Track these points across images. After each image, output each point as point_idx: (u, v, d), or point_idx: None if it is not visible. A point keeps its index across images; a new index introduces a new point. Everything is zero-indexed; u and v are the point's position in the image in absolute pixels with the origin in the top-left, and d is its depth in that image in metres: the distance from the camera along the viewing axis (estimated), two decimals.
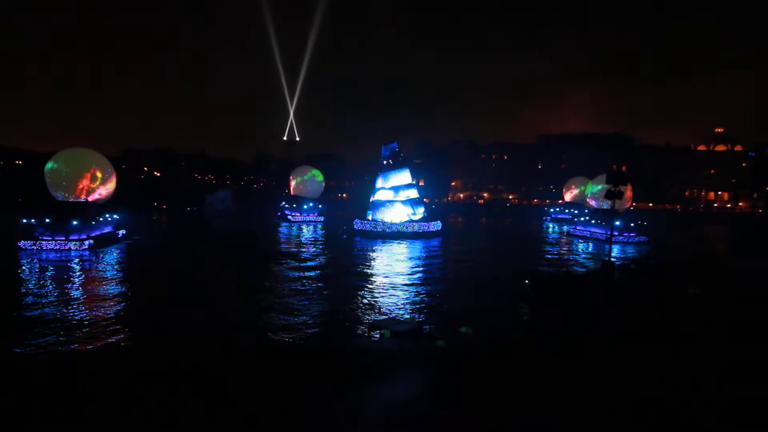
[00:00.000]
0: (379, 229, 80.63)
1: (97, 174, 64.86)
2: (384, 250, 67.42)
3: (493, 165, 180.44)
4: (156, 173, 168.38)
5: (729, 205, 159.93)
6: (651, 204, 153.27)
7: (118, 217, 69.10)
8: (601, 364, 17.29)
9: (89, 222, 62.51)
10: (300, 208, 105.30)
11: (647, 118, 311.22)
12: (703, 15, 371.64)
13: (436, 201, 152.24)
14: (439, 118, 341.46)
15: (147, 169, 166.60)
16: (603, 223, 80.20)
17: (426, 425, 13.96)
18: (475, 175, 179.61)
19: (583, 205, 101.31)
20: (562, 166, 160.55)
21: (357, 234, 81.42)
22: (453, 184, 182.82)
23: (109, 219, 67.07)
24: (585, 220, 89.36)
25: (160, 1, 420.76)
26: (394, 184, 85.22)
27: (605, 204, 73.85)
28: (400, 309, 36.69)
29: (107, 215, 67.09)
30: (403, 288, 44.03)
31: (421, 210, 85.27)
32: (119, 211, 69.90)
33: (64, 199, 63.41)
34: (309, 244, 74.04)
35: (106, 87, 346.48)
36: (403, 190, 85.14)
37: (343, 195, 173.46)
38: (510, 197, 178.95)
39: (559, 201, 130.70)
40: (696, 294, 27.87)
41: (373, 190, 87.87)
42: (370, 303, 38.42)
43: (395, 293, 41.84)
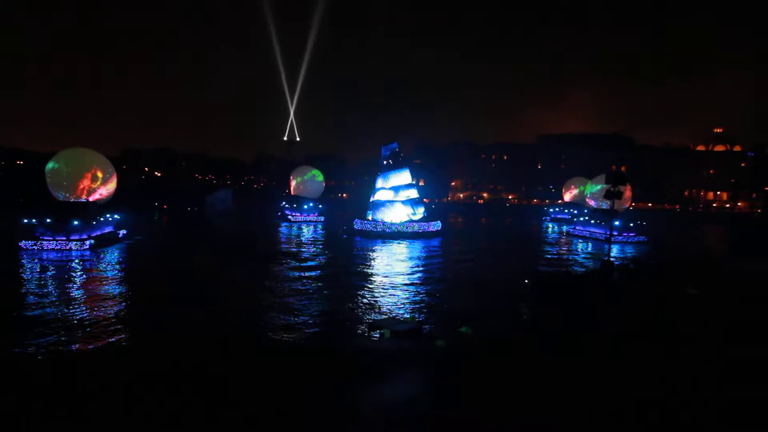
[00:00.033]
0: (379, 229, 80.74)
1: (98, 174, 64.91)
2: (384, 250, 67.49)
3: (493, 165, 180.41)
4: (156, 173, 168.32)
5: (728, 205, 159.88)
6: (650, 204, 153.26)
7: (119, 217, 69.13)
8: (600, 364, 17.29)
9: (90, 222, 62.56)
10: (300, 208, 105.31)
11: (647, 118, 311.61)
12: (703, 15, 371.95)
13: (436, 201, 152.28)
14: (439, 118, 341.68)
15: (147, 169, 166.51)
16: (602, 223, 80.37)
17: (426, 425, 13.96)
18: (475, 175, 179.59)
19: (582, 205, 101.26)
20: (562, 167, 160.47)
21: (357, 234, 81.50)
22: (453, 184, 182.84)
23: (109, 219, 67.12)
24: (584, 220, 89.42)
25: (160, 1, 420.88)
26: (394, 184, 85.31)
27: (604, 204, 73.90)
28: (400, 309, 36.73)
29: (108, 215, 67.12)
30: (403, 288, 44.08)
31: (421, 210, 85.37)
32: (120, 211, 69.92)
33: (65, 199, 63.40)
34: (309, 244, 74.10)
35: (106, 87, 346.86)
36: (403, 190, 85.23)
37: (344, 195, 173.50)
38: (510, 197, 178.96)
39: (559, 201, 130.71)
40: (695, 294, 27.76)
41: (373, 190, 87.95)
42: (370, 303, 38.46)
43: (395, 293, 41.89)
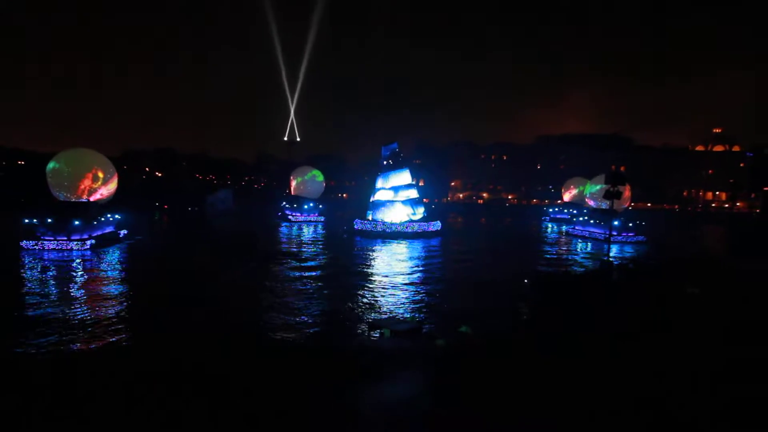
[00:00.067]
0: (379, 229, 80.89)
1: (99, 174, 65.05)
2: (384, 249, 67.62)
3: (493, 165, 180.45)
4: (157, 173, 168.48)
5: (727, 206, 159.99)
6: (649, 204, 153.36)
7: (120, 217, 69.28)
8: (599, 364, 17.29)
9: (91, 222, 62.71)
10: (300, 208, 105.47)
11: (647, 118, 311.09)
12: (703, 15, 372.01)
13: (436, 201, 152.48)
14: (439, 118, 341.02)
15: (148, 170, 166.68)
16: (601, 223, 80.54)
17: (426, 425, 14.00)
18: (475, 176, 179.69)
19: (581, 205, 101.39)
20: (561, 167, 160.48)
21: (357, 234, 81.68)
22: (452, 184, 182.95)
23: (110, 219, 67.28)
24: (584, 220, 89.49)
25: (160, 1, 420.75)
26: (394, 185, 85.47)
27: (604, 204, 74.08)
28: (400, 308, 36.82)
29: (109, 215, 67.28)
30: (403, 287, 44.19)
31: (420, 210, 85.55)
32: (121, 211, 70.07)
33: (66, 199, 63.57)
34: (309, 244, 74.22)
35: (106, 87, 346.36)
36: (402, 191, 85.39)
37: (344, 195, 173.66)
38: (509, 197, 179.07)
39: (558, 201, 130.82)
40: (694, 294, 27.68)
41: (373, 191, 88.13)
42: (370, 302, 38.56)
43: (395, 293, 41.99)
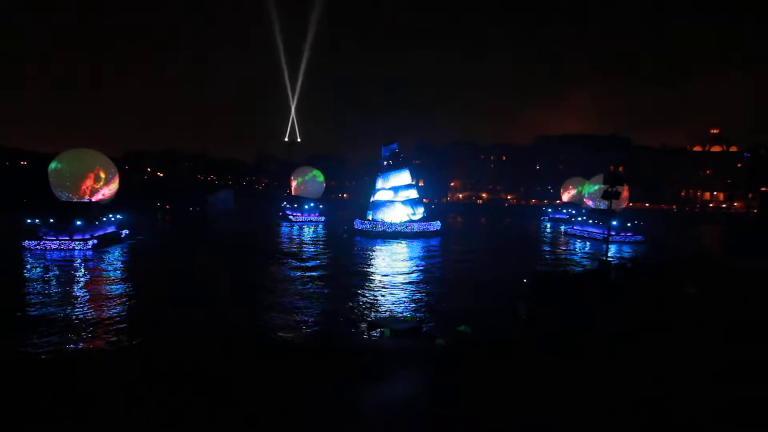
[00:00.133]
0: (379, 229, 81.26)
1: (101, 174, 65.40)
2: (384, 249, 67.95)
3: (492, 166, 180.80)
4: (159, 174, 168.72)
5: (724, 206, 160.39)
6: (647, 204, 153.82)
7: (122, 217, 69.64)
8: (599, 364, 17.36)
9: (93, 222, 63.04)
10: (301, 208, 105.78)
11: (646, 119, 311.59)
12: (703, 15, 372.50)
13: (436, 201, 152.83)
14: (439, 118, 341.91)
15: (150, 170, 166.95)
16: (600, 222, 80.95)
17: (426, 424, 14.10)
18: (474, 176, 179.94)
19: (580, 205, 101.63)
20: (560, 167, 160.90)
21: (357, 234, 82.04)
22: (452, 184, 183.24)
23: (112, 219, 67.60)
24: (582, 220, 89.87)
25: (160, 1, 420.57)
26: (393, 185, 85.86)
27: (602, 204, 74.53)
28: (399, 308, 37.12)
29: (110, 215, 67.61)
30: (403, 287, 44.49)
31: (420, 210, 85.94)
32: (122, 211, 70.44)
33: (68, 200, 63.89)
34: (310, 244, 74.48)
35: (107, 87, 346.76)
36: (402, 191, 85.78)
37: (344, 195, 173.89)
38: (508, 197, 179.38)
39: (557, 201, 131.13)
40: (693, 293, 27.53)
41: (373, 191, 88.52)
42: (370, 302, 38.83)
43: (395, 292, 42.28)
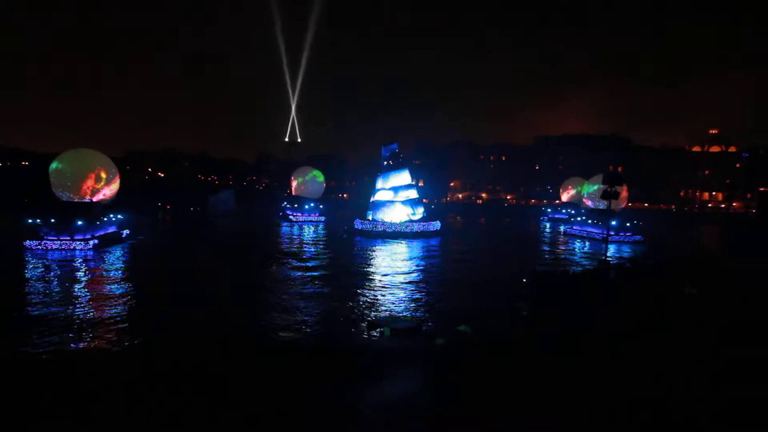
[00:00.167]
0: (379, 229, 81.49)
1: (102, 175, 65.62)
2: (384, 249, 68.16)
3: (492, 166, 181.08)
4: (160, 174, 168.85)
5: (723, 206, 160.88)
6: (646, 204, 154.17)
7: (122, 217, 69.81)
8: (599, 364, 17.40)
9: (94, 222, 63.23)
10: (301, 208, 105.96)
11: (646, 119, 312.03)
12: (703, 15, 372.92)
13: (436, 201, 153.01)
14: (439, 118, 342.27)
15: (151, 170, 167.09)
16: (599, 222, 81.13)
17: (426, 424, 14.16)
18: (474, 176, 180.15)
19: (579, 205, 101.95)
20: (559, 167, 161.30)
21: (357, 234, 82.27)
22: (452, 184, 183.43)
23: (113, 219, 67.77)
24: (581, 219, 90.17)
25: (160, 1, 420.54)
26: (393, 185, 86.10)
27: (601, 204, 74.84)
28: (399, 307, 37.31)
29: (111, 215, 67.79)
30: (403, 287, 44.70)
31: (420, 210, 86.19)
32: (123, 211, 70.61)
33: (69, 200, 64.07)
34: (310, 244, 74.70)
35: (107, 87, 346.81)
36: (402, 191, 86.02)
37: (344, 195, 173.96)
38: (508, 197, 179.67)
39: (557, 201, 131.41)
40: (692, 293, 27.49)
41: (373, 191, 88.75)
42: (370, 302, 39.02)
43: (395, 292, 42.48)
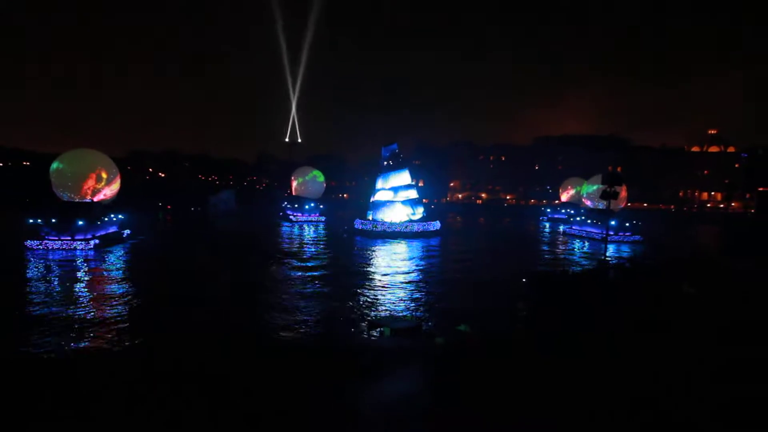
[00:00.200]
0: (379, 228, 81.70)
1: (102, 175, 65.81)
2: (384, 249, 68.35)
3: (492, 166, 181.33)
4: (160, 174, 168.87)
5: (722, 206, 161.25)
6: (645, 204, 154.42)
7: (123, 217, 69.98)
8: (598, 364, 17.41)
9: (94, 222, 63.40)
10: (302, 208, 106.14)
11: (646, 119, 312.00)
12: (703, 15, 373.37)
13: (435, 201, 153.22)
14: (439, 118, 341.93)
15: (151, 170, 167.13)
16: (598, 222, 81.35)
17: (426, 424, 14.23)
18: (474, 176, 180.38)
19: (579, 205, 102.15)
20: (559, 167, 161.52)
21: (357, 234, 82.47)
22: (452, 184, 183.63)
23: (114, 219, 67.93)
24: (581, 219, 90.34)
25: (160, 1, 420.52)
26: (393, 185, 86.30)
27: (601, 204, 75.07)
28: (399, 307, 37.48)
29: (112, 215, 67.96)
30: (403, 286, 44.90)
31: (420, 210, 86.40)
32: (124, 211, 70.80)
33: (70, 200, 64.24)
34: (310, 244, 74.90)
35: (107, 87, 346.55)
36: (402, 191, 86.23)
37: (344, 195, 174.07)
38: (508, 197, 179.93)
39: (556, 201, 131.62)
40: (691, 293, 27.39)
41: (373, 191, 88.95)
42: (370, 301, 39.18)
43: (395, 292, 42.66)
